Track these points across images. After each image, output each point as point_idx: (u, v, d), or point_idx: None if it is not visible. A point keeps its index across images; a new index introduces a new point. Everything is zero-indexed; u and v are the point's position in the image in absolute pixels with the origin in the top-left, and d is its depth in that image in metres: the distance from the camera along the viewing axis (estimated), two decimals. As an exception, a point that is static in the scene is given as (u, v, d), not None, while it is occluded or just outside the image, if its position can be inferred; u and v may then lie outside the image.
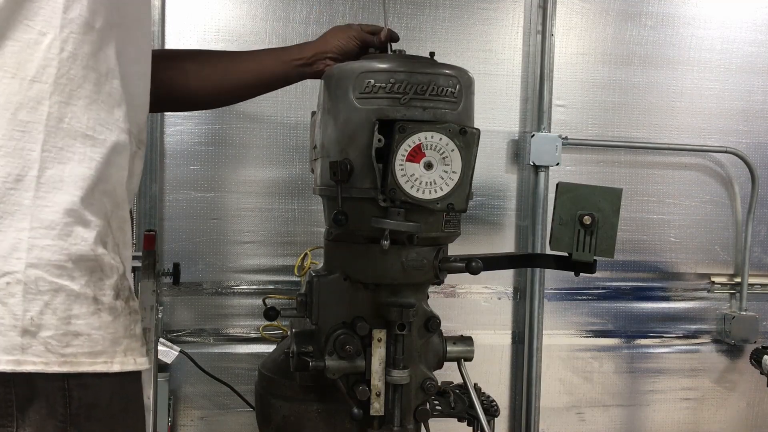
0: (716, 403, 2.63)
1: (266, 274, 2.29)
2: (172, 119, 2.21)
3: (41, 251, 0.82)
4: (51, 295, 0.83)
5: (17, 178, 0.82)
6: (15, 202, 0.82)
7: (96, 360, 0.85)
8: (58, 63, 0.84)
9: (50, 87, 0.84)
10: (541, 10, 2.39)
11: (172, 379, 2.20)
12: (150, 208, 2.17)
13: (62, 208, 0.84)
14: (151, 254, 1.81)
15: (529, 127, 2.41)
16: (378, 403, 1.30)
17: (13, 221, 0.82)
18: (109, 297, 0.88)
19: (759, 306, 2.59)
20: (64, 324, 0.83)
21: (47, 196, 0.83)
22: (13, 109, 0.82)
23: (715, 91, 2.54)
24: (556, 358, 2.50)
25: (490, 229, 2.44)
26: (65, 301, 0.84)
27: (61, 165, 0.84)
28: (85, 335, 0.85)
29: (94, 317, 0.86)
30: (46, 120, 0.84)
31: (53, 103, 0.84)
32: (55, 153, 0.84)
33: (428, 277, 1.33)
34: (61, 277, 0.83)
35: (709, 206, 2.57)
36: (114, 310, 0.88)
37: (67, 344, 0.83)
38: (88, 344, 0.85)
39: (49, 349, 0.82)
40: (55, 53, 0.84)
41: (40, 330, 0.82)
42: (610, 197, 1.34)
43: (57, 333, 0.83)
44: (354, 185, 1.26)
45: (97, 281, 0.86)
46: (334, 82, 1.30)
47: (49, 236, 0.83)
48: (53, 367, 0.83)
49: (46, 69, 0.84)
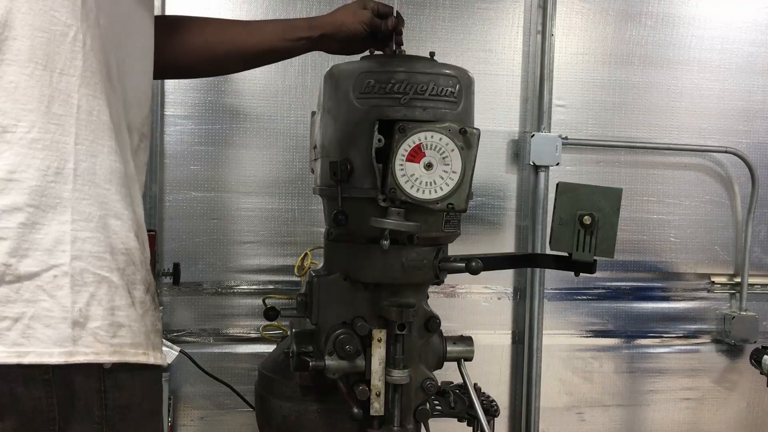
0: (716, 403, 2.63)
1: (266, 274, 2.29)
2: (172, 119, 2.21)
3: (83, 243, 0.83)
4: (96, 287, 0.84)
5: (56, 171, 0.83)
6: (56, 195, 0.83)
7: (137, 351, 0.87)
8: (83, 56, 0.85)
9: (78, 80, 0.85)
10: (541, 10, 2.39)
11: (172, 379, 2.20)
12: (150, 208, 2.17)
13: (97, 201, 0.85)
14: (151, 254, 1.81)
15: (529, 127, 2.41)
16: (378, 403, 1.30)
17: (56, 214, 0.83)
18: (140, 291, 0.89)
19: (759, 306, 2.59)
20: (109, 315, 0.84)
21: (83, 188, 0.84)
22: (47, 102, 0.83)
23: (715, 91, 2.54)
24: (556, 358, 2.49)
25: (490, 229, 2.44)
26: (108, 293, 0.85)
27: (93, 158, 0.85)
28: (127, 326, 0.86)
29: (131, 310, 0.87)
30: (77, 113, 0.84)
31: (82, 96, 0.85)
32: (87, 146, 0.85)
33: (428, 277, 1.33)
34: (102, 269, 0.84)
35: (709, 206, 2.57)
36: (144, 304, 0.89)
37: (114, 335, 0.85)
38: (130, 335, 0.86)
39: (98, 339, 0.83)
40: (80, 46, 0.85)
41: (89, 321, 0.83)
42: (610, 197, 1.34)
43: (104, 323, 0.84)
44: (354, 185, 1.26)
45: (131, 275, 0.88)
46: (334, 82, 1.30)
47: (89, 228, 0.84)
48: (104, 357, 0.83)
49: (73, 61, 0.84)
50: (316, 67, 2.27)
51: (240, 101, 2.25)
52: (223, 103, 2.24)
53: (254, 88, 2.24)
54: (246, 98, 2.25)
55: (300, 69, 2.27)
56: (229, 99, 2.24)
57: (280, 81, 2.26)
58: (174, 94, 2.20)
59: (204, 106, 2.23)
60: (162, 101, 2.18)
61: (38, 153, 0.82)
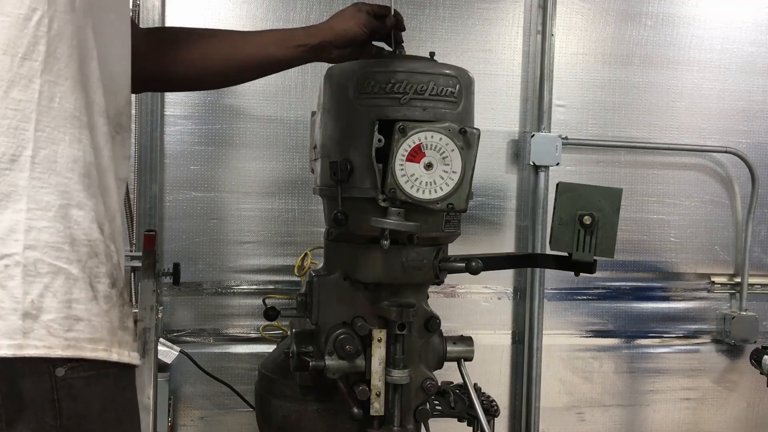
0: (716, 403, 2.63)
1: (266, 274, 2.29)
2: (172, 119, 2.21)
3: (39, 233, 0.80)
4: (51, 278, 0.80)
5: (12, 158, 0.80)
6: (11, 183, 0.80)
7: (97, 347, 0.83)
8: (47, 41, 0.82)
9: (40, 65, 0.82)
10: (541, 10, 2.39)
11: (172, 379, 2.20)
12: (150, 208, 2.17)
13: (57, 190, 0.82)
14: (151, 254, 1.81)
15: (529, 127, 2.41)
16: (378, 403, 1.30)
17: (10, 202, 0.80)
18: (105, 285, 0.85)
19: (759, 306, 2.59)
20: (65, 307, 0.81)
21: (42, 176, 0.81)
22: (6, 87, 0.80)
23: (715, 91, 2.54)
24: (556, 358, 2.49)
25: (490, 229, 2.44)
26: (65, 284, 0.81)
27: (54, 145, 0.82)
28: (86, 320, 0.82)
29: (92, 303, 0.83)
30: (38, 99, 0.82)
31: (44, 82, 0.82)
32: (48, 133, 0.82)
33: (428, 277, 1.33)
34: (60, 260, 0.81)
35: (709, 206, 2.57)
36: (109, 299, 0.85)
37: (70, 328, 0.81)
38: (89, 330, 0.82)
39: (51, 332, 0.80)
40: (44, 30, 0.82)
41: (42, 313, 0.80)
42: (610, 197, 1.34)
43: (59, 316, 0.80)
44: (354, 185, 1.26)
45: (93, 267, 0.84)
46: (334, 82, 1.30)
47: (46, 218, 0.81)
48: (57, 351, 0.80)
49: (36, 47, 0.81)
50: (316, 67, 2.23)
51: (240, 101, 2.25)
52: (222, 103, 2.24)
53: (254, 88, 2.24)
54: (246, 98, 2.25)
55: (300, 69, 2.21)
56: (229, 99, 2.24)
57: (280, 81, 2.26)
58: (174, 94, 2.20)
59: (204, 106, 2.23)
60: (162, 101, 2.18)
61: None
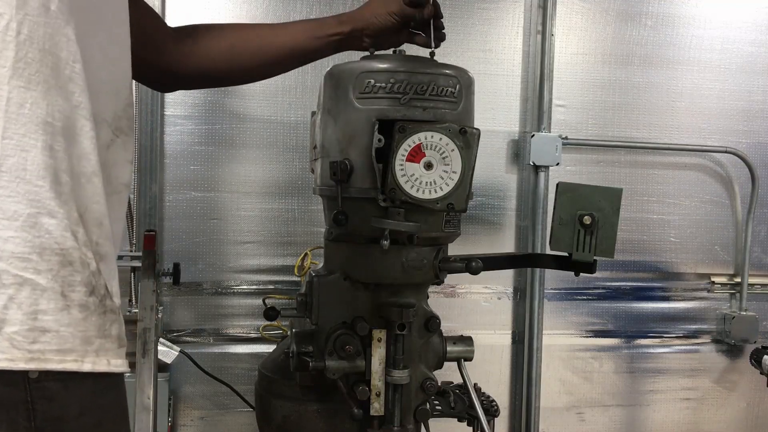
0: (716, 403, 2.63)
1: (266, 274, 2.29)
2: (172, 119, 2.21)
3: (4, 243, 0.78)
4: (15, 289, 0.78)
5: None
6: None
7: (65, 358, 0.81)
8: (15, 46, 0.80)
9: (9, 71, 0.79)
10: (541, 10, 2.39)
11: (172, 379, 2.21)
12: (150, 208, 2.17)
13: (26, 198, 0.79)
14: (151, 254, 1.80)
15: (529, 127, 2.41)
16: (378, 403, 1.30)
17: None
18: (80, 293, 0.83)
19: (759, 306, 2.59)
20: (30, 319, 0.79)
21: (9, 185, 0.79)
22: None
23: (715, 91, 2.54)
24: (556, 358, 2.49)
25: (490, 229, 2.44)
26: (31, 295, 0.79)
27: (24, 153, 0.80)
28: (53, 332, 0.80)
29: (63, 313, 0.81)
30: (6, 105, 0.79)
31: (12, 87, 0.80)
32: (17, 140, 0.80)
33: (428, 277, 1.33)
34: (26, 270, 0.79)
35: (709, 206, 2.57)
36: (85, 307, 0.83)
37: (34, 340, 0.79)
38: (56, 341, 0.80)
39: (14, 345, 0.78)
40: (12, 36, 0.80)
41: (5, 325, 0.78)
42: (610, 197, 1.34)
43: (23, 328, 0.78)
44: (354, 185, 1.26)
45: (66, 276, 0.82)
46: (334, 82, 1.30)
47: (12, 227, 0.79)
48: (19, 363, 0.78)
49: (4, 52, 0.79)
50: (316, 67, 2.23)
51: (240, 101, 2.25)
52: (222, 103, 2.24)
53: (254, 88, 2.24)
54: (246, 98, 2.25)
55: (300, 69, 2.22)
56: (229, 99, 2.24)
57: (280, 81, 2.25)
58: (174, 94, 2.19)
59: (204, 106, 2.23)
60: (162, 101, 2.18)
61: None
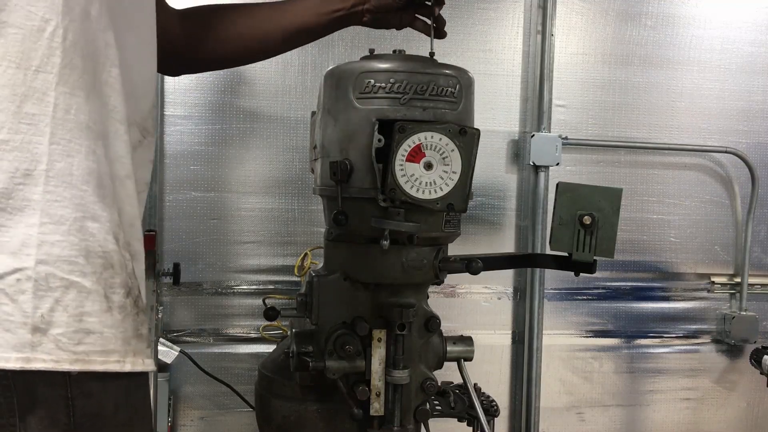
0: (716, 403, 2.63)
1: (266, 274, 2.29)
2: (172, 119, 2.21)
3: (51, 247, 0.80)
4: (62, 292, 0.80)
5: (26, 172, 0.80)
6: (24, 198, 0.80)
7: (108, 359, 0.83)
8: (62, 52, 0.81)
9: (55, 77, 0.81)
10: (541, 10, 2.39)
11: (172, 379, 2.20)
12: (150, 208, 2.17)
13: (72, 203, 0.81)
14: (151, 254, 1.81)
15: (529, 127, 2.41)
16: (378, 403, 1.30)
17: (23, 217, 0.80)
18: (120, 295, 0.85)
19: (759, 306, 2.59)
20: (75, 321, 0.81)
21: (56, 190, 0.81)
22: (19, 102, 0.80)
23: (715, 91, 2.54)
24: (556, 358, 2.49)
25: (490, 229, 2.44)
26: (77, 298, 0.81)
27: (70, 158, 0.82)
28: (98, 333, 0.82)
29: (106, 315, 0.83)
30: (53, 112, 0.81)
31: (59, 94, 0.81)
32: (64, 146, 0.81)
33: (428, 277, 1.33)
34: (72, 273, 0.81)
35: (709, 206, 2.57)
36: (124, 309, 0.86)
37: (79, 342, 0.81)
38: (100, 342, 0.82)
39: (59, 346, 0.80)
40: (58, 41, 0.81)
41: (51, 327, 0.80)
42: (610, 197, 1.34)
43: (68, 330, 0.80)
44: (354, 185, 1.26)
45: (108, 278, 0.84)
46: (334, 82, 1.30)
47: (59, 231, 0.81)
48: (64, 365, 0.80)
49: (51, 58, 0.81)
50: (316, 67, 2.27)
51: (240, 101, 2.25)
52: (223, 103, 2.24)
53: (254, 88, 2.24)
54: (246, 98, 2.25)
55: (300, 69, 2.27)
56: (229, 99, 2.24)
57: (280, 81, 2.26)
58: (174, 94, 2.20)
59: (204, 106, 2.23)
60: (162, 101, 2.18)
61: (7, 155, 0.79)
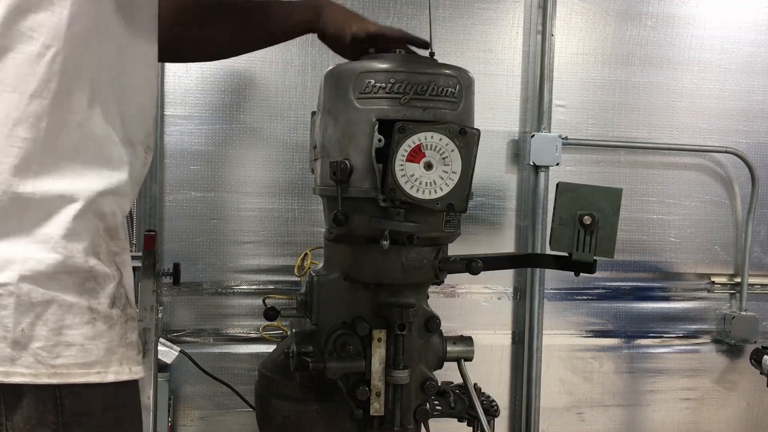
0: (716, 403, 2.63)
1: (266, 274, 2.29)
2: (172, 119, 2.21)
3: (35, 264, 0.82)
4: (43, 307, 0.83)
5: (13, 195, 0.82)
6: (10, 216, 0.82)
7: (89, 371, 0.85)
8: (59, 78, 0.83)
9: (50, 103, 0.83)
10: (541, 10, 2.39)
11: (172, 379, 2.20)
12: (150, 208, 2.17)
13: (57, 223, 0.83)
14: (151, 254, 1.81)
15: (529, 127, 2.41)
16: (378, 403, 1.30)
17: (9, 234, 0.82)
18: (105, 306, 0.87)
19: (759, 306, 2.59)
20: (55, 335, 0.83)
21: (42, 210, 0.83)
22: (11, 125, 0.82)
23: (715, 91, 2.54)
24: (556, 358, 2.49)
25: (490, 229, 2.44)
26: (57, 312, 0.83)
27: (56, 181, 0.84)
28: (78, 345, 0.84)
29: (88, 327, 0.85)
30: (45, 137, 0.83)
31: (52, 120, 0.83)
32: (50, 169, 0.83)
33: (428, 277, 1.33)
34: (53, 289, 0.83)
35: (709, 206, 2.57)
36: (109, 318, 0.88)
37: (58, 355, 0.83)
38: (81, 354, 0.85)
39: (38, 360, 0.82)
40: (57, 68, 0.83)
41: (31, 341, 0.82)
42: (610, 197, 1.34)
43: (47, 344, 0.83)
44: (354, 185, 1.26)
45: (92, 291, 0.86)
46: (334, 82, 1.30)
47: (44, 249, 0.83)
48: (42, 378, 0.82)
49: (48, 84, 0.82)
50: (316, 67, 2.27)
51: (240, 101, 2.25)
52: (222, 103, 2.24)
53: (254, 88, 2.24)
54: (246, 98, 2.25)
55: (300, 69, 2.27)
56: (229, 99, 2.24)
57: (280, 81, 2.26)
58: (174, 94, 2.20)
59: (204, 106, 2.23)
60: (162, 101, 2.18)
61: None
